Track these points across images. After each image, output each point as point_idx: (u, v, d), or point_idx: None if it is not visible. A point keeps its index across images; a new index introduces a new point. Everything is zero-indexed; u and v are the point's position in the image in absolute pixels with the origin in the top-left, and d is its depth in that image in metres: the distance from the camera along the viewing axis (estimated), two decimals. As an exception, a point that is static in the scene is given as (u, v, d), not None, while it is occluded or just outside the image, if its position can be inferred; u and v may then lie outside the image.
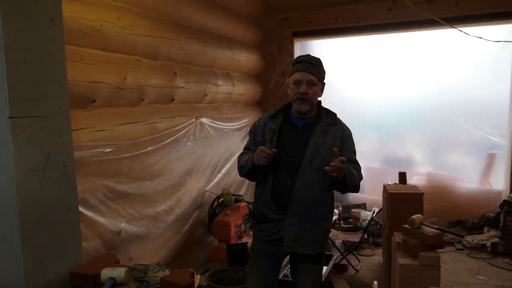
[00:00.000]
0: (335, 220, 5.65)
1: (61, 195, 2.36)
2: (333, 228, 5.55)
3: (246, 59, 5.76)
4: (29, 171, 2.17)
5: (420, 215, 3.61)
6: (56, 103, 2.36)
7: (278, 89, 6.46)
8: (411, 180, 6.13)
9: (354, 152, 2.70)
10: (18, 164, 2.12)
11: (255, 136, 2.73)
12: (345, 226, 5.60)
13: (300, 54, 2.71)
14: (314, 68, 2.59)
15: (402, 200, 4.12)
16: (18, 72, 2.13)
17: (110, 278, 2.12)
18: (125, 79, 3.49)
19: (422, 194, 4.11)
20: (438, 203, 5.87)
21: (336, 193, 6.36)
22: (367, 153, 6.53)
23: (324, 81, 2.70)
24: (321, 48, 6.58)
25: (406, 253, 3.58)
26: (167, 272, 2.19)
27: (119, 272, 2.14)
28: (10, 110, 2.08)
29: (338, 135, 2.62)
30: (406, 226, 3.60)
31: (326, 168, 2.37)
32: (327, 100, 6.36)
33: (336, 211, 5.85)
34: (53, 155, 2.32)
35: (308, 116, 2.65)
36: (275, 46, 6.41)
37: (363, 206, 6.18)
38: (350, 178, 2.48)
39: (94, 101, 3.24)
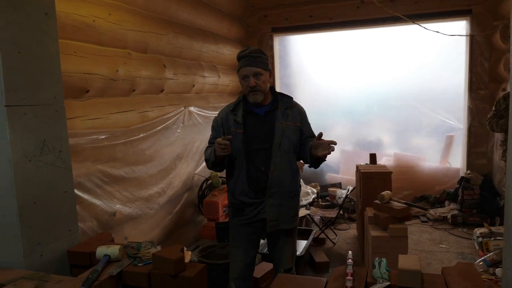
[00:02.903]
0: (313, 198, 5.62)
1: (57, 179, 2.25)
2: (312, 206, 5.53)
3: (230, 53, 5.65)
4: (25, 156, 2.06)
5: (389, 191, 3.58)
6: (51, 92, 2.23)
7: (259, 81, 6.35)
8: (381, 160, 6.14)
9: (309, 125, 2.68)
10: (15, 150, 2.01)
11: (218, 131, 2.59)
12: (323, 203, 5.58)
13: (241, 50, 2.56)
14: (256, 60, 2.45)
15: (373, 178, 4.09)
16: (13, 63, 2.01)
17: (105, 255, 2.03)
18: (117, 70, 3.38)
19: (391, 172, 4.09)
20: (404, 181, 5.89)
21: (315, 174, 6.39)
22: (341, 137, 6.50)
23: (270, 68, 2.54)
24: (298, 43, 6.52)
25: (377, 226, 3.55)
26: (158, 248, 2.11)
27: (113, 249, 2.05)
28: (6, 99, 1.96)
29: (297, 116, 2.57)
30: (377, 201, 3.57)
31: (324, 153, 2.32)
32: (305, 90, 6.44)
33: (314, 190, 5.82)
34: (49, 141, 2.20)
35: (266, 104, 2.55)
36: (256, 41, 6.31)
37: (338, 185, 6.17)
38: None
39: (88, 91, 3.13)
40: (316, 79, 6.46)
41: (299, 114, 2.58)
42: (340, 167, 6.48)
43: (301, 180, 5.82)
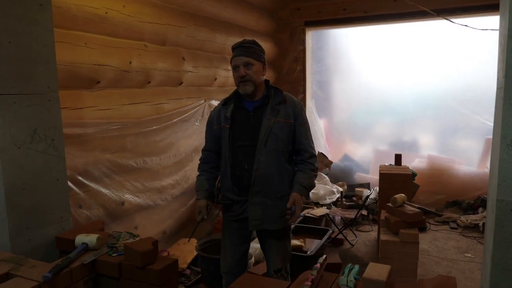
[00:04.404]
0: (337, 197, 5.49)
1: (48, 167, 2.32)
2: (335, 206, 5.40)
3: (258, 46, 5.59)
4: (14, 143, 2.14)
5: (403, 195, 3.40)
6: (44, 82, 2.31)
7: (290, 75, 6.27)
8: (413, 162, 5.88)
9: (306, 125, 2.50)
10: (3, 137, 2.09)
11: (212, 126, 2.58)
12: (347, 203, 5.43)
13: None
14: (247, 50, 2.38)
15: (391, 180, 3.93)
16: (3, 53, 2.08)
17: (83, 243, 2.08)
18: (130, 62, 3.43)
19: (410, 175, 3.91)
20: (437, 184, 5.61)
21: (343, 173, 6.22)
22: (374, 136, 6.30)
23: (263, 60, 2.46)
24: (332, 37, 6.35)
25: (389, 230, 3.40)
26: (137, 239, 2.13)
27: (91, 238, 2.09)
28: (-6, 88, 2.05)
29: (290, 112, 2.43)
30: (389, 204, 3.41)
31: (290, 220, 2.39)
32: (338, 86, 6.25)
33: (340, 189, 5.68)
34: (41, 129, 2.28)
35: (257, 99, 2.46)
36: (288, 35, 6.22)
37: (366, 185, 5.97)
38: (310, 187, 2.45)
39: (99, 82, 3.20)
40: (350, 76, 6.27)
41: (293, 110, 2.45)
42: (370, 167, 6.27)
43: (327, 178, 5.75)
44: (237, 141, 2.43)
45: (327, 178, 5.78)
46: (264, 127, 2.38)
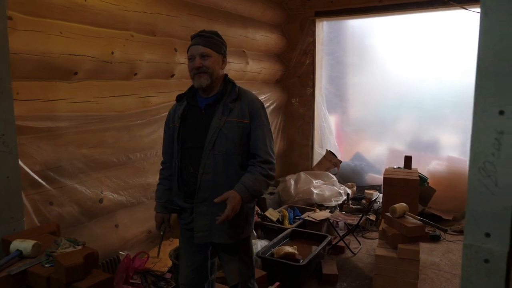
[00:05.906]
0: (344, 200, 5.18)
1: (-3, 164, 2.15)
2: (341, 208, 5.09)
3: (263, 38, 5.32)
4: (-47, 138, 1.97)
5: (403, 204, 3.09)
6: (-6, 72, 2.13)
7: (299, 68, 5.96)
8: (430, 164, 5.49)
9: (264, 127, 2.20)
10: None
11: (168, 125, 2.36)
12: (353, 207, 5.12)
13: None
14: (206, 40, 2.14)
15: (395, 185, 3.61)
16: None
17: (17, 250, 1.89)
18: (112, 53, 3.23)
19: (417, 180, 3.55)
20: (455, 190, 5.19)
21: (353, 173, 5.88)
22: (392, 135, 5.93)
23: (223, 53, 2.23)
24: (345, 28, 6.00)
25: (387, 243, 3.10)
26: (79, 248, 1.92)
27: (26, 245, 1.89)
28: None
29: (245, 111, 2.15)
30: (388, 214, 3.10)
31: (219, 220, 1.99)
32: (351, 82, 5.89)
33: (348, 190, 5.37)
34: (-13, 123, 2.11)
35: (211, 95, 2.21)
36: (298, 26, 5.90)
37: (378, 187, 5.62)
38: (255, 192, 2.09)
39: (76, 73, 3.02)
40: (364, 70, 5.92)
41: (250, 109, 2.18)
42: (383, 167, 5.89)
43: (335, 178, 5.43)
44: (186, 142, 2.21)
45: (335, 179, 5.48)
46: (213, 127, 2.13)
